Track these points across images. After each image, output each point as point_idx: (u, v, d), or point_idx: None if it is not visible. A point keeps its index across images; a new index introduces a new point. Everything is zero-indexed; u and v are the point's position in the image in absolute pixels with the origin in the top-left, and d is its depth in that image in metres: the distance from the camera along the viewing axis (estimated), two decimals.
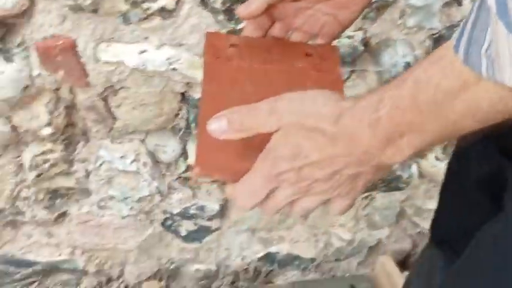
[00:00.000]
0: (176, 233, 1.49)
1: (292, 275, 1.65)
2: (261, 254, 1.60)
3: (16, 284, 1.47)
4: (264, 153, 0.66)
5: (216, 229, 1.53)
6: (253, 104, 0.66)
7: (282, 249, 1.60)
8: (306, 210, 0.68)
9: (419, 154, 1.45)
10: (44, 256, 1.45)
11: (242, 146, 0.70)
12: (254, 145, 0.68)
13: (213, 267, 1.58)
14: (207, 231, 1.52)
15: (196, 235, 1.52)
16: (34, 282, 1.48)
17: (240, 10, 0.79)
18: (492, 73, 0.53)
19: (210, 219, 1.50)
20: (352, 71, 1.32)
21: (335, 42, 0.86)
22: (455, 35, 0.56)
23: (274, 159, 0.65)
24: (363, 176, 0.65)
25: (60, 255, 1.45)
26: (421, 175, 1.50)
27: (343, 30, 0.84)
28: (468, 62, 0.54)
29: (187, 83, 1.27)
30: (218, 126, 0.66)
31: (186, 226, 1.49)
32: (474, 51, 0.54)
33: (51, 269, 1.46)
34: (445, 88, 0.56)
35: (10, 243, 1.41)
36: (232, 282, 1.62)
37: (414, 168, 1.50)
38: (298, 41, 0.86)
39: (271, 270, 1.63)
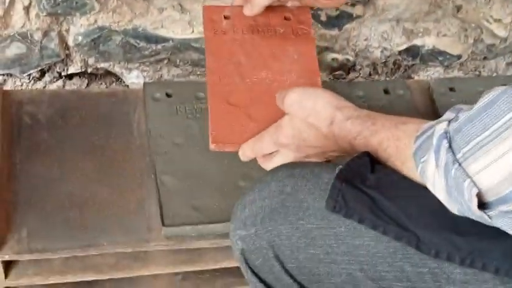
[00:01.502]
0: (315, 17, 1.37)
1: (434, 71, 1.53)
2: (404, 47, 1.48)
3: (145, 59, 1.40)
4: (274, 126, 0.88)
5: (358, 16, 1.40)
6: (279, 92, 0.90)
7: (427, 42, 1.48)
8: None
9: None
10: (175, 33, 1.36)
11: (249, 123, 0.91)
12: (257, 123, 0.91)
13: (351, 58, 1.47)
14: (348, 17, 1.40)
15: (337, 21, 1.40)
16: (163, 59, 1.41)
17: (246, 11, 1.02)
18: (422, 175, 0.73)
19: (353, 4, 1.37)
20: None
21: None
22: (423, 128, 0.74)
23: (281, 134, 0.87)
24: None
25: (192, 32, 1.37)
26: None
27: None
28: (415, 156, 0.74)
29: None
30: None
31: (327, 11, 1.37)
32: (418, 154, 0.73)
33: (182, 47, 1.39)
34: (393, 161, 0.79)
35: (141, 16, 1.33)
36: (369, 75, 1.51)
37: None
38: (277, 6, 1.02)
39: (412, 65, 1.51)
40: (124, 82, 1.44)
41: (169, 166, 1.15)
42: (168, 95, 1.25)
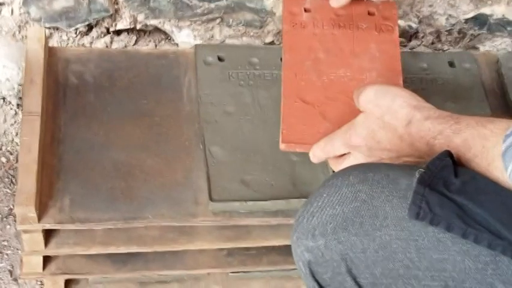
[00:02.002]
0: None
1: (501, 42, 1.44)
2: (471, 15, 1.39)
3: (197, 18, 1.33)
4: (347, 125, 0.83)
5: None
6: (356, 88, 0.84)
7: (496, 11, 1.38)
8: None
9: None
10: None
11: (322, 123, 0.87)
12: (331, 124, 0.86)
13: (414, 25, 1.39)
14: None
15: None
16: (215, 18, 1.34)
17: (333, 2, 0.96)
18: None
19: None
20: None
21: None
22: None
23: (354, 133, 0.81)
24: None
25: None
26: None
27: None
28: (504, 156, 0.68)
29: None
30: None
31: None
32: (508, 154, 0.67)
33: (236, 7, 1.31)
34: (478, 162, 0.72)
35: None
36: (432, 43, 1.43)
37: None
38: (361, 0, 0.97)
39: (478, 35, 1.42)
40: (173, 40, 1.37)
41: (218, 136, 1.10)
42: (220, 59, 1.19)
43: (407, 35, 1.41)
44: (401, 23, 1.38)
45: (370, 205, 0.73)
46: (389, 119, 0.79)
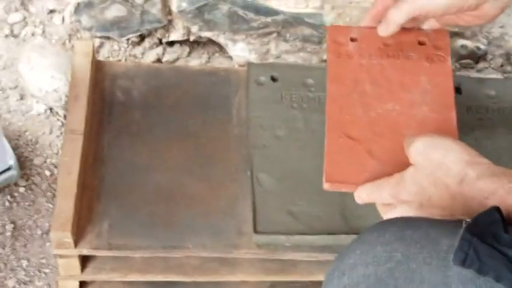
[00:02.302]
0: None
1: None
2: None
3: (252, 32, 1.28)
4: (395, 178, 0.76)
5: None
6: (407, 137, 0.77)
7: None
8: None
9: None
10: (288, 6, 1.23)
11: (369, 161, 0.81)
12: (378, 162, 0.81)
13: (482, 46, 1.30)
14: None
15: None
16: (272, 32, 1.29)
17: (381, 31, 0.87)
18: None
19: None
20: None
21: None
22: None
23: (403, 189, 0.75)
24: None
25: (307, 7, 1.23)
26: None
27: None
28: None
29: None
30: None
31: None
32: None
33: (294, 21, 1.26)
34: None
35: None
36: (501, 66, 1.34)
37: None
38: (411, 28, 0.90)
39: None
40: (228, 53, 1.33)
41: (267, 162, 1.04)
42: (273, 79, 1.13)
43: (475, 57, 1.32)
44: (468, 43, 1.30)
45: (406, 267, 0.67)
46: (440, 175, 0.72)
